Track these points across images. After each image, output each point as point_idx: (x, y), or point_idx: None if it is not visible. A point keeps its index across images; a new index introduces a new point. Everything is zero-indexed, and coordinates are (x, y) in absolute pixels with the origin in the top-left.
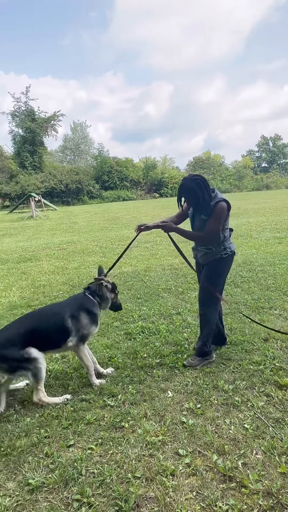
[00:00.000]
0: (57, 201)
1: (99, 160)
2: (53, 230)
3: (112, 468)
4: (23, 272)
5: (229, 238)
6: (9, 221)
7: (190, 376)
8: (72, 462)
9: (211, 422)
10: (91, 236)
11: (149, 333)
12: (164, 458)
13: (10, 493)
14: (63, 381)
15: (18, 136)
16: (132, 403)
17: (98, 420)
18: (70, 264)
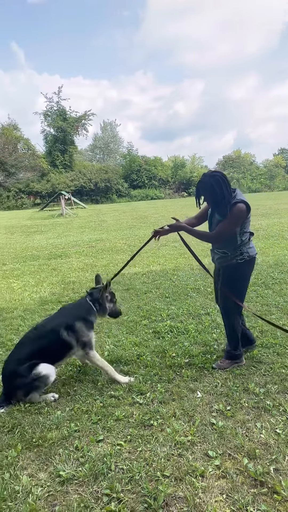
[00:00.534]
0: (86, 200)
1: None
2: (82, 228)
3: (141, 465)
4: (53, 268)
5: (249, 242)
6: (40, 218)
7: (219, 377)
8: (102, 457)
9: (242, 425)
10: (119, 234)
11: (177, 332)
12: (193, 458)
13: (42, 483)
14: (93, 377)
15: (49, 135)
16: (161, 402)
17: (127, 417)
18: (99, 262)
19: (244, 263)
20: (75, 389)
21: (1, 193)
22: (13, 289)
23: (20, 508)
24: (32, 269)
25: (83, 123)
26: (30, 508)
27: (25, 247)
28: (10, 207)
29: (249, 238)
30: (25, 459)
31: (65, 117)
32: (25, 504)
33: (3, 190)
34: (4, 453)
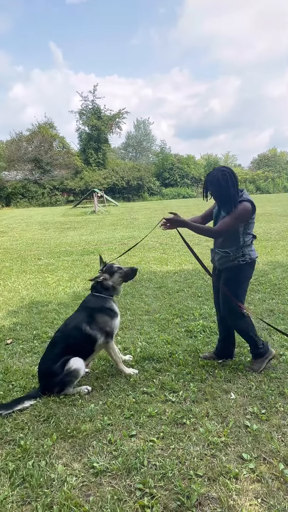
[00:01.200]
0: (118, 197)
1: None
2: (114, 225)
3: (173, 463)
4: (86, 264)
5: (251, 245)
6: (73, 215)
7: (254, 379)
8: (135, 451)
9: (277, 430)
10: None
11: (210, 332)
12: (227, 460)
13: (76, 473)
14: None
15: (84, 133)
16: (194, 401)
17: (159, 414)
18: (131, 259)
19: (245, 265)
20: (108, 383)
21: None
22: (48, 283)
23: (55, 496)
24: (66, 264)
25: (117, 122)
26: (66, 496)
27: (59, 243)
28: (45, 203)
29: (251, 241)
30: (60, 449)
31: (100, 115)
32: (61, 492)
33: (38, 187)
34: (40, 441)
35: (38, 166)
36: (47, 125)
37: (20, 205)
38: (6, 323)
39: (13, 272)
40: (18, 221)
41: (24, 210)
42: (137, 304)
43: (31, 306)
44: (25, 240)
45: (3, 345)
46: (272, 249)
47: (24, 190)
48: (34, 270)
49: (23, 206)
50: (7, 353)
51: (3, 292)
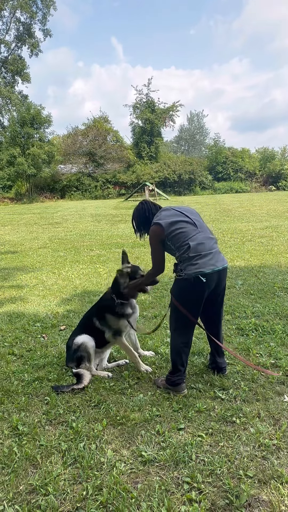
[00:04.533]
0: (169, 191)
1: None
2: None
3: (222, 461)
4: (136, 257)
5: (190, 259)
6: (124, 208)
7: None
8: (183, 445)
9: None
10: None
11: (263, 331)
12: (279, 464)
13: (125, 459)
14: None
15: (137, 127)
16: (244, 400)
17: (208, 410)
18: None
19: (180, 280)
20: (157, 375)
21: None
22: (100, 273)
23: (105, 479)
24: (116, 256)
25: (171, 115)
26: (115, 480)
27: (110, 235)
28: (97, 196)
29: (189, 255)
30: (109, 435)
31: (153, 108)
32: (110, 476)
33: (92, 180)
34: (91, 425)
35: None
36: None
37: (74, 198)
38: (60, 310)
39: (67, 262)
40: (72, 213)
41: (77, 203)
42: None
43: (84, 295)
44: (78, 231)
45: (57, 331)
46: None
47: (78, 183)
48: (86, 261)
49: (76, 199)
50: (60, 338)
51: (57, 280)
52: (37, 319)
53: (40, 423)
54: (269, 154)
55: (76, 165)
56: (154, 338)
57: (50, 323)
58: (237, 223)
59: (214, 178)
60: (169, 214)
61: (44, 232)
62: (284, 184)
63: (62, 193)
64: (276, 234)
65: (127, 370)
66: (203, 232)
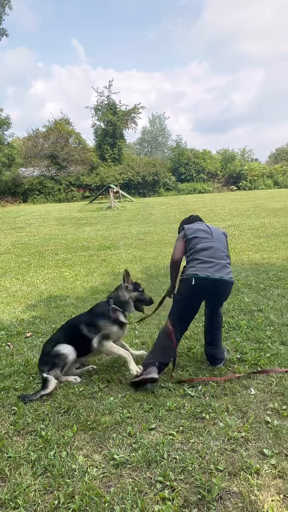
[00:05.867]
0: (134, 193)
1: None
2: (130, 220)
3: (193, 457)
4: (103, 259)
5: (193, 262)
6: (89, 211)
7: (274, 375)
8: (154, 445)
9: None
10: (167, 227)
11: (228, 327)
12: (248, 455)
13: (97, 464)
14: None
15: (99, 129)
16: (213, 396)
17: (178, 408)
18: (147, 254)
19: (182, 281)
20: (127, 377)
21: (53, 186)
22: (66, 278)
23: (77, 486)
24: (82, 259)
25: (133, 117)
26: (87, 486)
27: (76, 238)
28: (61, 199)
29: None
30: (80, 440)
31: (115, 110)
32: (82, 482)
33: (55, 183)
34: (61, 432)
35: (54, 162)
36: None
37: (37, 201)
38: (26, 316)
39: (31, 267)
40: (35, 217)
41: (41, 206)
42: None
43: (50, 300)
44: (42, 235)
45: (23, 338)
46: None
47: (41, 186)
48: (52, 265)
49: (40, 202)
50: (27, 346)
51: (22, 286)
52: (2, 327)
53: (7, 434)
54: (229, 155)
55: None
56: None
57: (15, 330)
58: None
59: (178, 179)
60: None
61: (7, 237)
62: (244, 184)
63: (24, 197)
64: (238, 232)
65: (97, 374)
66: (215, 242)
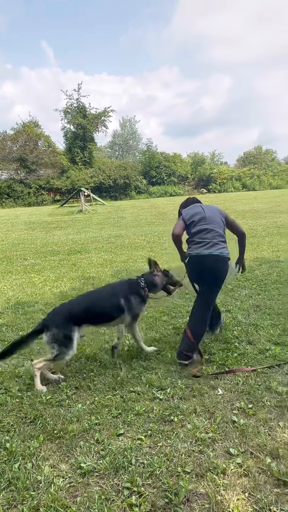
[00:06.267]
0: (105, 196)
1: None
2: (101, 224)
3: (161, 460)
4: (73, 263)
5: (190, 243)
6: (60, 214)
7: (241, 375)
8: (122, 450)
9: (264, 424)
10: (138, 230)
11: None
12: (215, 455)
13: (63, 474)
14: (113, 371)
15: (69, 132)
16: (181, 398)
17: (147, 412)
18: (118, 258)
19: (186, 264)
20: (95, 382)
21: (22, 189)
22: (34, 283)
23: (42, 498)
24: (52, 264)
25: (103, 120)
26: (52, 497)
27: (46, 242)
28: (31, 203)
29: (190, 240)
30: (47, 450)
31: (85, 114)
32: (47, 493)
33: (24, 186)
34: (27, 443)
35: (23, 166)
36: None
37: (6, 205)
38: None
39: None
40: (3, 221)
41: (9, 210)
42: None
43: (17, 307)
44: (10, 240)
45: None
46: (258, 245)
47: (10, 190)
48: (20, 271)
49: (8, 206)
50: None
51: None
52: None
53: None
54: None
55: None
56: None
57: None
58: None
59: (149, 183)
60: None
61: None
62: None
63: None
64: None
65: (65, 381)
66: (209, 224)
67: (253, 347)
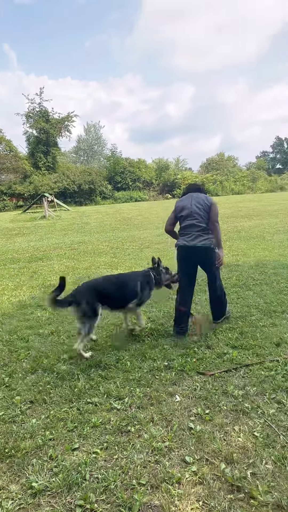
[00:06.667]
0: (70, 202)
1: (112, 161)
2: (65, 230)
3: (116, 474)
4: (34, 271)
5: (181, 237)
6: (22, 220)
7: (199, 380)
8: (77, 466)
9: (220, 429)
10: (102, 236)
11: (158, 335)
12: (170, 465)
13: (13, 496)
14: (70, 382)
15: (32, 137)
16: (139, 407)
17: (104, 423)
18: (80, 264)
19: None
20: (51, 395)
21: None
22: None
23: None
24: (11, 272)
25: (66, 125)
26: None
27: (5, 250)
28: None
29: (181, 233)
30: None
31: (48, 118)
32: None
33: None
34: None
35: None
36: None
37: None
38: None
39: None
40: None
41: None
42: None
43: None
44: None
45: None
46: None
47: None
48: None
49: None
50: None
51: None
52: None
53: None
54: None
55: None
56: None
57: None
58: (136, 231)
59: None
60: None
61: None
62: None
63: None
64: (171, 240)
65: (19, 395)
66: (194, 219)
67: (212, 352)
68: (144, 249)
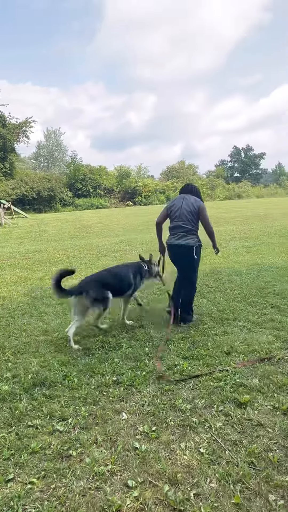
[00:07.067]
0: (29, 209)
1: (72, 168)
2: (21, 238)
3: (52, 506)
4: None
5: (169, 236)
6: None
7: (147, 395)
8: (9, 500)
9: (165, 447)
10: (59, 244)
11: (109, 348)
12: (112, 491)
13: None
14: (11, 403)
15: None
16: (83, 428)
17: (44, 448)
18: (34, 274)
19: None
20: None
21: None
22: None
23: None
24: None
25: (24, 130)
26: None
27: None
28: None
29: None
30: None
31: (4, 123)
32: None
33: None
34: None
35: None
36: None
37: None
38: None
39: None
40: None
41: None
42: (34, 324)
43: None
44: None
45: None
46: None
47: None
48: None
49: None
50: None
51: None
52: None
53: None
54: (124, 171)
55: None
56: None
57: None
58: (95, 238)
59: (75, 195)
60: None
61: None
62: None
63: None
64: (129, 247)
65: None
66: (179, 221)
67: (162, 363)
68: (102, 257)
